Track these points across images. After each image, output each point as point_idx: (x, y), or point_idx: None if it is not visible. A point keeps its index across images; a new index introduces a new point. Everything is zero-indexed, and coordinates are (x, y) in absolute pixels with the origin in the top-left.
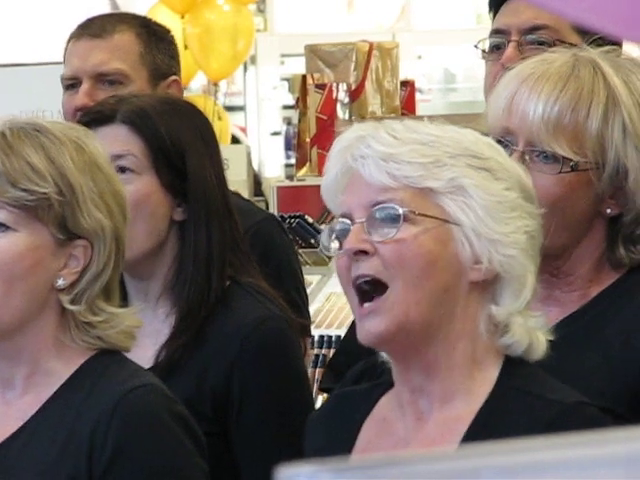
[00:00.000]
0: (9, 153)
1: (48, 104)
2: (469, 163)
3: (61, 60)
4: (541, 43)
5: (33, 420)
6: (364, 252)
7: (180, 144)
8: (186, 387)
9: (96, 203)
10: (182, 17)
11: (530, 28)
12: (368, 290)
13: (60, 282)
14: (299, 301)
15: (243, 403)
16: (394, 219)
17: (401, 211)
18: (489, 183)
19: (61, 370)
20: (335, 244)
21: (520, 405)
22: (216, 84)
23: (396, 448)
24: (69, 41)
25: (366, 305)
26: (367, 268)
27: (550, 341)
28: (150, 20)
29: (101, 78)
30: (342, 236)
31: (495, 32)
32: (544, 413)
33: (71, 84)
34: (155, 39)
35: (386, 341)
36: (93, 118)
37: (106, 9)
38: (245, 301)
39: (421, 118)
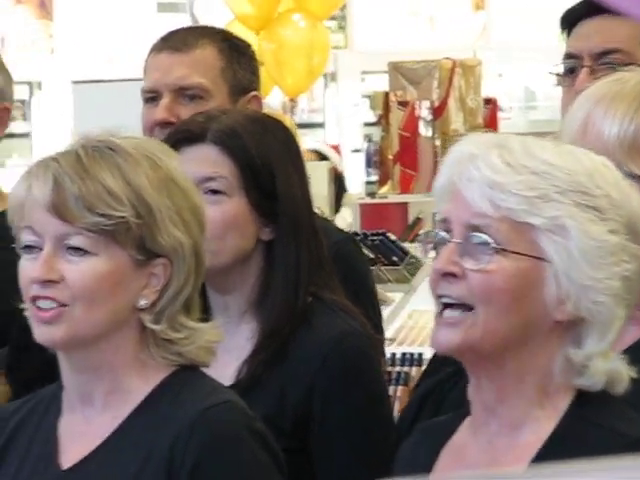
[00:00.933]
0: (85, 177)
1: (129, 120)
2: (577, 200)
3: (142, 76)
4: (613, 67)
5: (112, 438)
6: (452, 274)
7: (270, 164)
8: (267, 403)
9: (174, 221)
10: (257, 34)
11: (602, 52)
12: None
13: (142, 302)
14: (375, 320)
15: (325, 420)
16: (487, 249)
17: (495, 244)
18: (593, 225)
19: (140, 387)
20: (432, 253)
21: (589, 437)
22: (293, 100)
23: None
24: (150, 53)
25: (447, 315)
26: (453, 291)
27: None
28: (232, 34)
29: (182, 92)
30: (439, 246)
31: (567, 56)
32: (612, 447)
33: (151, 97)
34: (237, 54)
35: (453, 354)
36: (182, 137)
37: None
38: (327, 318)
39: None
